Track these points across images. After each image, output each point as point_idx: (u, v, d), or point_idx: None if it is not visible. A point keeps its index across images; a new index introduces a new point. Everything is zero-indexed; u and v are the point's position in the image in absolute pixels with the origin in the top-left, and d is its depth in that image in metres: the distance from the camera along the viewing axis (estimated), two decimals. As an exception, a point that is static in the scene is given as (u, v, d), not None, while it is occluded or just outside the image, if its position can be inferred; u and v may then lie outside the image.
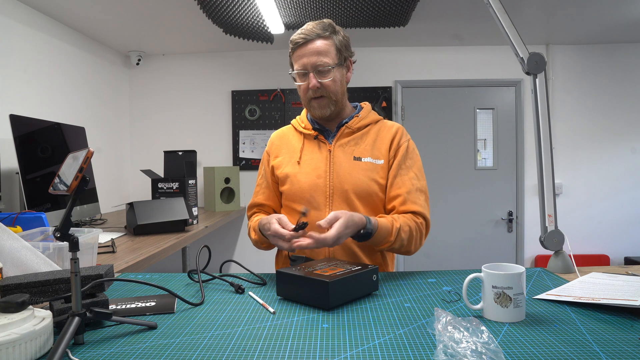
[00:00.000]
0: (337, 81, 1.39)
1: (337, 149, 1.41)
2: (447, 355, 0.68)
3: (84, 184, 0.76)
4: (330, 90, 1.37)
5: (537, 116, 1.34)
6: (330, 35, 1.38)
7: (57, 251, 1.18)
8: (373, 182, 1.37)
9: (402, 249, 1.33)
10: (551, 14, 3.03)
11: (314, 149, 1.44)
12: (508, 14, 1.34)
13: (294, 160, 1.44)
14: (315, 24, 1.37)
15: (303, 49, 1.36)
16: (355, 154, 1.40)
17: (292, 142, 1.49)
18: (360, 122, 1.44)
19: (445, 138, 3.75)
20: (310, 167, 1.41)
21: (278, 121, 3.79)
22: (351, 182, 1.36)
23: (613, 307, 0.93)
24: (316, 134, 1.44)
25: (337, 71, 1.38)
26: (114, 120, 3.66)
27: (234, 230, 3.83)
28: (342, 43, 1.40)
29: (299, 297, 1.03)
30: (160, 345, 0.80)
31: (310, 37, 1.35)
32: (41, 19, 2.74)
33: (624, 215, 3.68)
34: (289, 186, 1.43)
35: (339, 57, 1.38)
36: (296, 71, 1.39)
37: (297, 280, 1.02)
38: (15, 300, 0.75)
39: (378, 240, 1.27)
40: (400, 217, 1.33)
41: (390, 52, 3.75)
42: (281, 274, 1.06)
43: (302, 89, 1.40)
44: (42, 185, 2.12)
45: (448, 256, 3.72)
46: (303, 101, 1.43)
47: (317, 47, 1.35)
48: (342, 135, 1.43)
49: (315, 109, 1.40)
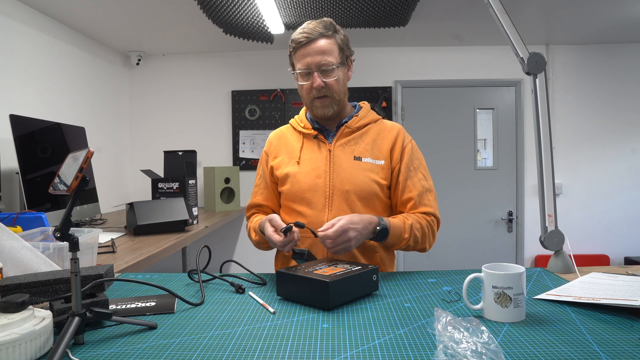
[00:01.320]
0: (341, 80, 1.39)
1: (337, 149, 1.41)
2: (447, 355, 0.68)
3: (84, 184, 0.76)
4: (334, 90, 1.37)
5: (537, 116, 1.34)
6: (333, 34, 1.37)
7: (57, 251, 1.18)
8: (373, 182, 1.37)
9: (418, 246, 1.35)
10: (551, 14, 3.03)
11: (313, 149, 1.43)
12: (508, 14, 1.34)
13: (294, 160, 1.43)
14: (317, 23, 1.36)
15: (306, 48, 1.35)
16: (356, 153, 1.40)
17: (291, 142, 1.48)
18: (359, 121, 1.44)
19: (445, 138, 3.75)
20: (309, 167, 1.40)
21: (278, 121, 3.79)
22: (352, 182, 1.36)
23: (613, 307, 0.93)
24: (316, 133, 1.44)
25: (340, 70, 1.38)
26: (114, 120, 3.66)
27: (234, 230, 3.83)
28: (343, 42, 1.39)
29: (299, 297, 1.03)
30: (160, 345, 0.80)
31: (313, 36, 1.34)
32: (41, 19, 2.74)
33: (624, 215, 3.68)
34: (288, 186, 1.42)
35: (341, 56, 1.38)
36: (299, 71, 1.38)
37: (297, 280, 1.02)
38: (15, 300, 0.75)
39: (394, 238, 1.29)
40: (410, 215, 1.36)
41: (390, 52, 3.75)
42: (281, 274, 1.06)
43: (305, 88, 1.39)
44: (42, 185, 2.12)
45: (448, 256, 3.72)
46: (305, 100, 1.43)
47: (321, 46, 1.34)
48: (342, 134, 1.43)
49: (318, 108, 1.40)
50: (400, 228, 1.29)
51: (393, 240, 1.30)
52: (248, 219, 1.54)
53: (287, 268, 1.08)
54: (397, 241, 1.31)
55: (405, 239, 1.30)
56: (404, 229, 1.30)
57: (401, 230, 1.29)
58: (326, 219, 1.36)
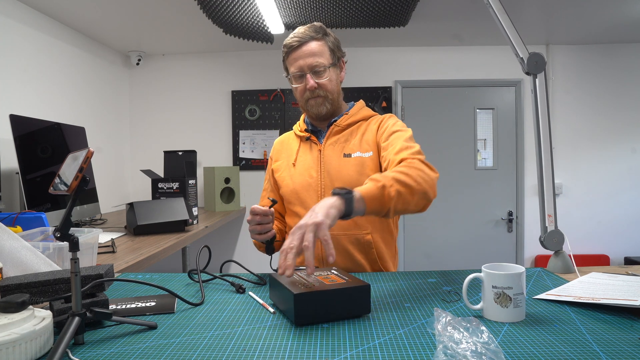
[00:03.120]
0: (333, 80, 1.42)
1: (327, 148, 1.44)
2: (447, 355, 0.68)
3: (84, 184, 0.76)
4: (327, 90, 1.40)
5: (537, 116, 1.34)
6: (323, 37, 1.41)
7: (57, 251, 1.18)
8: (363, 176, 1.34)
9: (415, 194, 1.13)
10: (551, 14, 3.03)
11: (306, 150, 1.48)
12: (508, 14, 1.34)
13: (290, 163, 1.49)
14: (307, 28, 1.41)
15: (298, 52, 1.39)
16: (345, 151, 1.42)
17: (291, 146, 1.53)
18: (349, 119, 1.46)
19: (445, 138, 3.75)
20: (303, 167, 1.45)
21: (278, 121, 3.79)
22: (341, 179, 1.38)
23: (613, 307, 0.93)
24: (308, 135, 1.48)
25: (332, 71, 1.41)
26: (114, 120, 3.66)
27: (234, 230, 3.83)
28: (334, 44, 1.43)
29: (280, 305, 0.97)
30: (160, 345, 0.80)
31: (304, 39, 1.38)
32: (41, 19, 2.74)
33: (624, 215, 3.68)
34: (285, 188, 1.47)
35: (332, 57, 1.41)
36: (292, 74, 1.42)
37: (278, 286, 0.96)
38: (15, 300, 0.75)
39: (375, 200, 1.06)
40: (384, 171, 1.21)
41: (390, 52, 3.75)
42: (271, 278, 1.02)
43: (299, 90, 1.43)
44: (42, 185, 2.12)
45: (448, 256, 3.72)
46: (300, 102, 1.47)
47: (312, 48, 1.38)
48: (332, 133, 1.46)
49: (312, 107, 1.43)
50: (372, 181, 1.09)
51: (373, 201, 1.06)
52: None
53: (275, 273, 1.02)
54: (379, 197, 1.06)
55: (386, 188, 1.07)
56: (377, 180, 1.09)
57: (374, 182, 1.08)
58: None
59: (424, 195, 1.15)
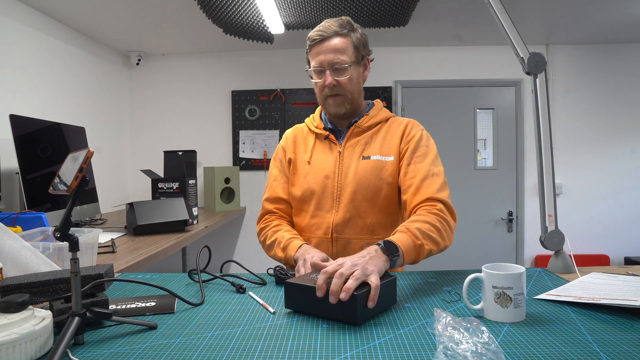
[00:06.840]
0: (354, 79, 1.37)
1: (346, 150, 1.41)
2: (447, 356, 0.68)
3: (84, 184, 0.76)
4: (346, 89, 1.36)
5: (537, 116, 1.34)
6: (348, 33, 1.35)
7: (57, 251, 1.18)
8: (381, 180, 1.35)
9: (439, 245, 1.21)
10: (551, 14, 3.03)
11: (324, 150, 1.43)
12: (508, 14, 1.34)
13: (305, 160, 1.44)
14: (333, 21, 1.35)
15: (320, 46, 1.34)
16: (365, 153, 1.39)
17: (306, 141, 1.48)
18: (370, 120, 1.42)
19: (445, 138, 3.75)
20: (319, 167, 1.41)
21: (278, 121, 3.79)
22: (358, 182, 1.35)
23: (613, 307, 0.93)
24: (327, 134, 1.43)
25: (354, 69, 1.36)
26: (114, 120, 3.66)
27: (234, 230, 3.83)
28: (359, 41, 1.37)
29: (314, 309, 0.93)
30: (160, 345, 0.80)
31: (327, 34, 1.33)
32: (41, 19, 2.74)
33: (624, 215, 3.68)
34: (298, 186, 1.43)
35: (356, 55, 1.36)
36: (313, 68, 1.37)
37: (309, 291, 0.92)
38: (15, 300, 0.75)
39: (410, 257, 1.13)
40: (412, 218, 1.23)
41: (390, 52, 3.75)
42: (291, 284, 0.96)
43: (318, 86, 1.39)
44: (42, 185, 2.12)
45: (448, 256, 3.69)
46: (319, 98, 1.42)
47: (335, 44, 1.33)
48: (352, 135, 1.42)
49: (330, 106, 1.39)
50: (408, 235, 1.14)
51: (409, 258, 1.13)
52: (263, 217, 1.50)
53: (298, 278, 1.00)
54: (415, 256, 1.15)
55: (423, 247, 1.15)
56: (415, 236, 1.15)
57: (412, 238, 1.14)
58: (332, 221, 1.36)
59: (445, 249, 1.26)
